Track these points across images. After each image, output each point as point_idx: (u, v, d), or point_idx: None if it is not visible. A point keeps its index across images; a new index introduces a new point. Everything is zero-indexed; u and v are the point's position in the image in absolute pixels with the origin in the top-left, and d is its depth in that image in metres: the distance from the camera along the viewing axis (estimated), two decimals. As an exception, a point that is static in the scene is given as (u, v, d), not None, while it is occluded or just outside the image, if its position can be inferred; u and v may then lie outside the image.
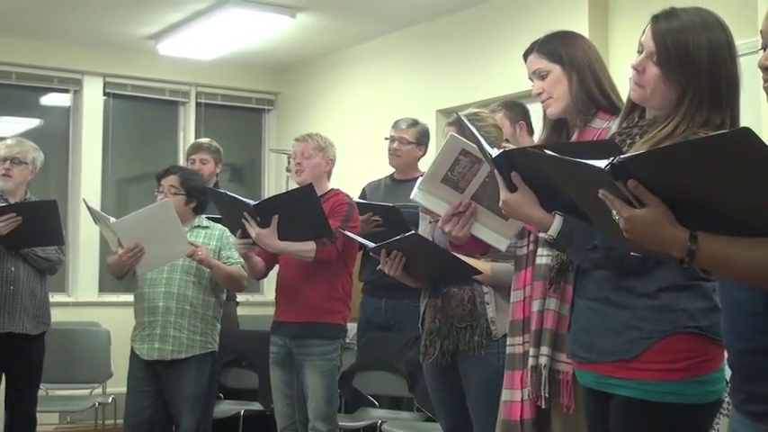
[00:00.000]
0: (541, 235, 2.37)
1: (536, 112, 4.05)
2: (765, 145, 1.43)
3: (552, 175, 1.93)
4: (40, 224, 4.77)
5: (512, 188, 2.29)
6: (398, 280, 3.47)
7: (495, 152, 2.28)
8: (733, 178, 1.47)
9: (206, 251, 4.60)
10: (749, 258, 1.58)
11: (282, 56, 8.11)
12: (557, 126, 2.75)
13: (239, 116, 8.79)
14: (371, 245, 3.50)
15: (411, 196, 3.12)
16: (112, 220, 4.71)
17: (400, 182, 5.01)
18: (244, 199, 4.21)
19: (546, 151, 1.85)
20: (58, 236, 4.93)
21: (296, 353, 4.37)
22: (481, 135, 2.46)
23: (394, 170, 5.17)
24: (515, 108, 4.30)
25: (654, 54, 2.17)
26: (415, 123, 5.05)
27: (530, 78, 2.76)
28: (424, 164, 5.00)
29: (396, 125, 5.05)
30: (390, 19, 7.03)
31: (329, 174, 4.56)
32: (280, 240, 4.13)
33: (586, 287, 2.34)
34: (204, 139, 5.98)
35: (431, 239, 3.40)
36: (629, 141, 2.24)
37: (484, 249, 3.16)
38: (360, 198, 5.04)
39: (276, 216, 4.08)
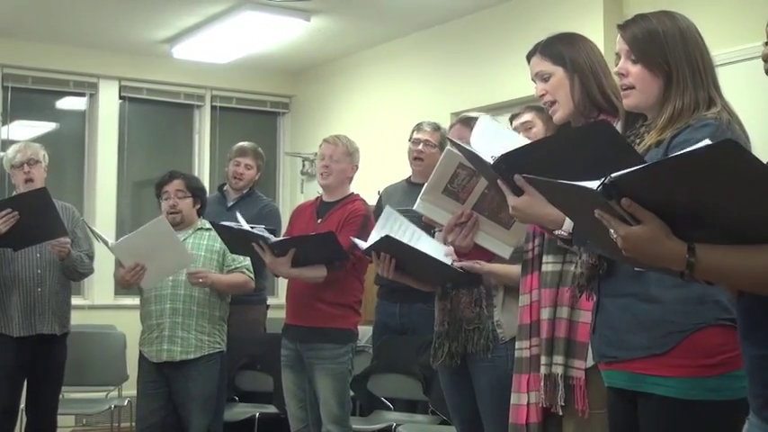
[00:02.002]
0: (556, 232, 2.35)
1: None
2: (750, 154, 1.44)
3: (548, 197, 1.94)
4: (37, 216, 4.79)
5: (517, 192, 2.30)
6: (396, 281, 3.50)
7: (491, 159, 2.29)
8: (722, 188, 1.48)
9: (204, 273, 4.63)
10: (749, 266, 1.59)
11: (297, 59, 8.14)
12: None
13: (254, 119, 8.83)
14: (364, 245, 3.54)
15: (414, 207, 3.14)
16: (111, 242, 4.79)
17: (418, 185, 4.97)
18: (258, 232, 4.23)
19: (539, 177, 1.85)
20: (59, 225, 4.93)
21: (306, 356, 4.38)
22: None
23: (410, 174, 5.13)
24: (540, 110, 4.27)
25: (630, 53, 2.26)
26: (438, 127, 5.01)
27: (532, 80, 2.77)
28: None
29: (419, 128, 4.99)
30: (404, 22, 7.05)
31: (351, 179, 4.58)
32: (293, 266, 4.20)
33: (613, 285, 2.30)
34: (249, 144, 5.94)
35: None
36: (638, 141, 2.26)
37: (488, 257, 3.16)
38: (376, 204, 5.02)
39: (293, 250, 4.15)
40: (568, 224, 2.31)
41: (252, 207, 5.41)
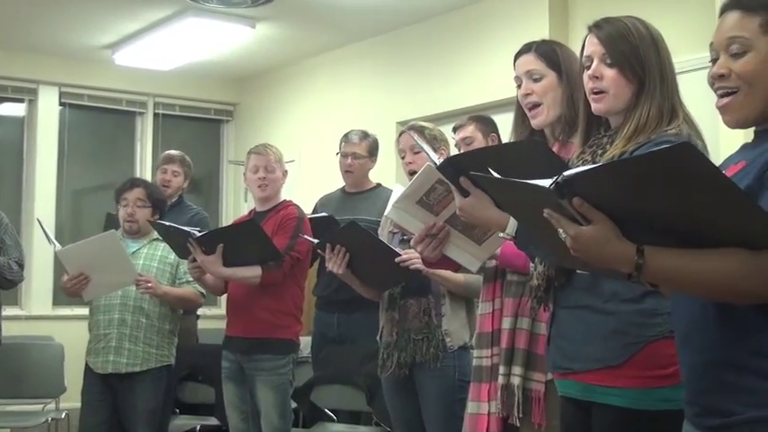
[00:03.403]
0: (500, 234, 2.34)
1: (501, 123, 4.07)
2: (706, 158, 1.45)
3: (494, 196, 1.94)
4: None
5: (465, 194, 2.31)
6: (347, 281, 3.51)
7: (438, 160, 2.30)
8: (677, 192, 1.48)
9: (154, 282, 4.57)
10: (697, 270, 1.59)
11: (242, 66, 8.09)
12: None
13: (197, 127, 8.76)
14: (316, 240, 3.56)
15: (386, 213, 3.14)
16: (58, 246, 4.72)
17: (352, 194, 4.99)
18: (187, 228, 4.25)
19: (491, 174, 1.85)
20: None
21: (247, 368, 4.34)
22: (427, 146, 2.46)
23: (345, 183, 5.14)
24: (485, 121, 4.28)
25: (606, 56, 2.24)
26: (365, 135, 5.00)
27: (516, 78, 2.71)
28: (374, 175, 5.01)
29: (347, 139, 4.97)
30: (350, 30, 7.03)
31: (283, 185, 4.57)
32: (226, 266, 4.18)
33: (568, 296, 2.30)
34: (176, 152, 5.92)
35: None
36: (600, 151, 2.25)
37: (455, 267, 3.15)
38: (313, 213, 5.00)
39: (221, 245, 4.13)
40: (512, 226, 2.29)
41: (181, 216, 5.37)
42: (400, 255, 3.34)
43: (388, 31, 7.00)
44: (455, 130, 4.12)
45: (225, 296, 4.58)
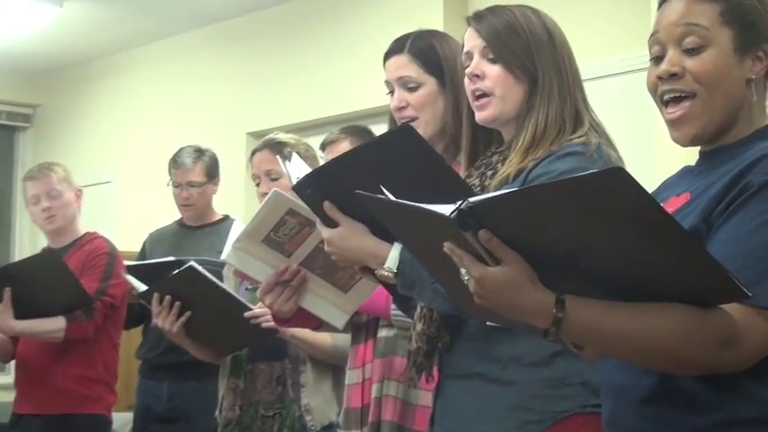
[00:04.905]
0: (378, 272, 2.28)
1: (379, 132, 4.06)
2: (640, 186, 1.44)
3: (384, 221, 1.94)
4: None
5: (330, 223, 2.28)
6: (177, 343, 3.50)
7: (294, 179, 2.28)
8: (606, 229, 1.48)
9: None
10: (630, 328, 1.58)
11: (44, 59, 8.03)
12: None
13: (-17, 135, 8.68)
14: (142, 286, 3.54)
15: (223, 256, 3.09)
16: None
17: (192, 228, 4.91)
18: None
19: (376, 196, 1.83)
20: None
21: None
22: (293, 168, 2.43)
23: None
24: (362, 134, 4.23)
25: (487, 50, 2.27)
26: (199, 154, 4.91)
27: (388, 83, 2.70)
28: (219, 199, 4.95)
29: (176, 165, 4.84)
30: (186, 14, 7.02)
31: (80, 209, 4.52)
32: (18, 319, 4.11)
33: (457, 363, 2.30)
34: None
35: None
36: (489, 173, 2.26)
37: (316, 323, 3.11)
38: (139, 253, 4.89)
39: (8, 289, 4.07)
40: (393, 259, 2.24)
41: None
42: (251, 308, 3.30)
43: (236, 15, 6.99)
44: (324, 146, 4.08)
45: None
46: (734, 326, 1.56)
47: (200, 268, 3.42)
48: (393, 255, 2.23)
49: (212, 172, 4.92)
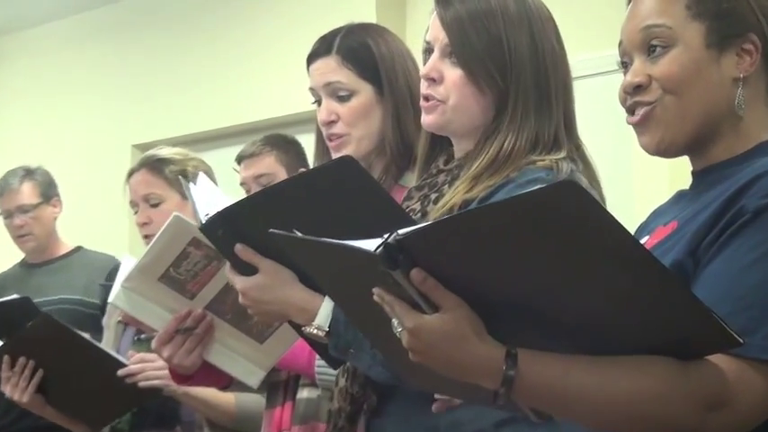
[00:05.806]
0: (306, 330, 2.26)
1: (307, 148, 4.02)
2: (598, 205, 1.43)
3: (304, 266, 1.94)
4: None
5: (246, 270, 2.23)
6: (38, 413, 3.52)
7: (203, 216, 2.26)
8: (563, 259, 1.46)
9: None
10: (595, 389, 1.56)
11: None
12: None
13: None
14: None
15: (110, 299, 3.05)
16: None
17: (38, 266, 4.89)
18: None
19: (289, 234, 1.80)
20: None
21: None
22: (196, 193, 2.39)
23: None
24: (290, 148, 4.18)
25: (449, 47, 2.19)
26: (27, 173, 4.90)
27: (313, 90, 2.66)
28: (93, 226, 4.91)
29: (1, 191, 4.86)
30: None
31: None
32: None
33: (385, 428, 2.30)
34: None
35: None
36: (433, 196, 2.23)
37: (224, 382, 3.10)
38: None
39: None
40: (323, 316, 2.22)
41: None
42: (125, 364, 3.27)
43: (112, 0, 6.98)
44: (241, 159, 4.02)
45: None
46: (724, 383, 1.54)
47: (54, 318, 3.42)
48: (324, 310, 2.19)
49: (47, 191, 4.91)
